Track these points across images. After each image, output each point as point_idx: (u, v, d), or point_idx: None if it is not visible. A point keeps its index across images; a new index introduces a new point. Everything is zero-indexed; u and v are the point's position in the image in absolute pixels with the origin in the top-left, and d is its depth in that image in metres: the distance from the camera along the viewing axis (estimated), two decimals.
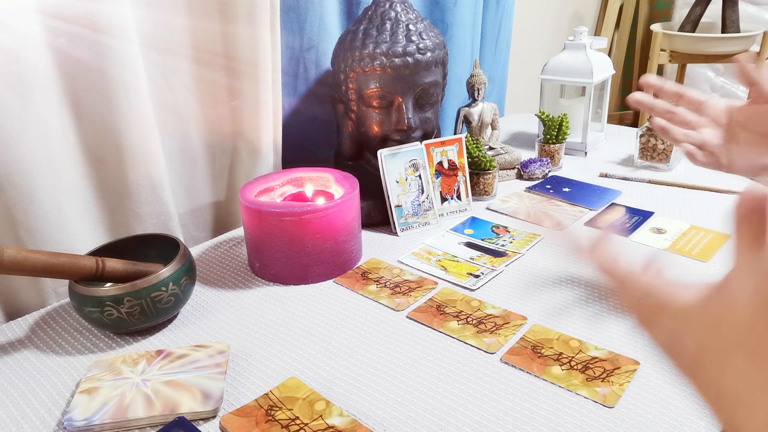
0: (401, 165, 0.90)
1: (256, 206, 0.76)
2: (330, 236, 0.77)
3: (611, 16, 2.39)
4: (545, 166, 1.10)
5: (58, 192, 0.74)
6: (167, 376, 0.59)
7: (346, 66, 0.89)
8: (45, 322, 0.72)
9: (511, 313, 0.70)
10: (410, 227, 0.91)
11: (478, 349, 0.64)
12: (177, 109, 0.87)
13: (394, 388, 0.59)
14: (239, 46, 0.86)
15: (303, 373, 0.61)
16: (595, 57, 1.17)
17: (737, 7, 1.99)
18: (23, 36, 0.66)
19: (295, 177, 0.86)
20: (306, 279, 0.78)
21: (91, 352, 0.66)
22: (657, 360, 0.61)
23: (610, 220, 0.92)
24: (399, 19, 0.88)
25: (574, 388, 0.57)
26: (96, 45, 0.71)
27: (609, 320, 0.68)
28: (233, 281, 0.80)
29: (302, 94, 1.04)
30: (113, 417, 0.54)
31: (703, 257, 0.81)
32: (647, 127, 1.11)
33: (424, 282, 0.77)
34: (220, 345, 0.64)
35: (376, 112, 0.90)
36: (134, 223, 0.82)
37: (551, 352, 0.63)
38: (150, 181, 0.81)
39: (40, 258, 0.60)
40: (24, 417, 0.56)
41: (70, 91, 0.73)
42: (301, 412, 0.55)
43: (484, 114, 1.09)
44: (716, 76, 2.45)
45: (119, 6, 0.71)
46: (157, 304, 0.65)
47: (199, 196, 0.95)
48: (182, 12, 0.83)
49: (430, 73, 0.89)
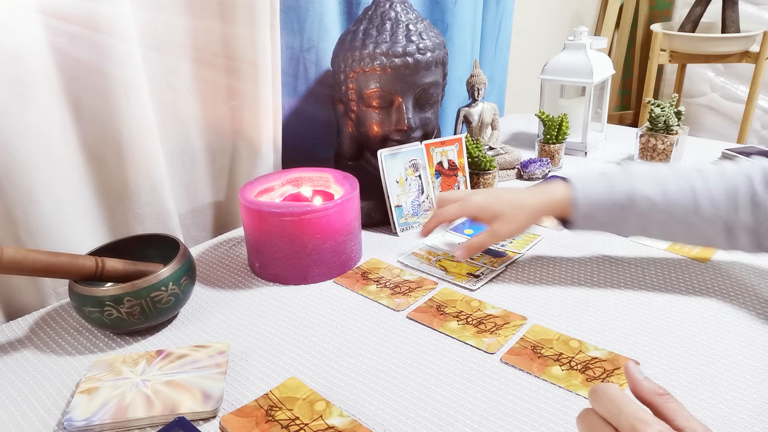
0: (401, 165, 0.90)
1: (256, 206, 0.76)
2: (330, 236, 0.77)
3: (611, 16, 2.39)
4: (545, 166, 1.10)
5: (58, 192, 0.74)
6: (167, 377, 0.59)
7: (346, 66, 0.89)
8: (45, 322, 0.72)
9: (511, 313, 0.70)
10: (410, 227, 0.91)
11: (478, 350, 0.64)
12: (177, 109, 0.87)
13: (394, 388, 0.59)
14: (239, 46, 0.86)
15: (303, 373, 0.61)
16: (595, 57, 1.17)
17: (737, 7, 1.99)
18: (23, 36, 0.66)
19: (295, 177, 0.86)
20: (306, 279, 0.78)
21: (91, 352, 0.66)
22: (657, 360, 0.61)
23: None
24: (399, 19, 0.88)
25: (574, 388, 0.57)
26: (96, 45, 0.71)
27: (609, 320, 0.68)
28: (233, 281, 0.80)
29: (302, 94, 1.04)
30: (113, 417, 0.54)
31: (703, 257, 0.81)
32: (647, 127, 1.11)
33: (424, 282, 0.77)
34: (220, 345, 0.64)
35: (376, 112, 0.90)
36: (134, 223, 0.82)
37: (551, 353, 0.63)
38: (150, 181, 0.81)
39: (39, 258, 0.60)
40: (24, 417, 0.56)
41: (70, 91, 0.73)
42: (301, 413, 0.55)
43: (484, 114, 1.09)
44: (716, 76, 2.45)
45: (119, 6, 0.71)
46: (157, 304, 0.65)
47: (199, 196, 0.95)
48: (182, 12, 0.83)
49: (430, 73, 0.89)
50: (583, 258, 0.82)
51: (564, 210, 0.72)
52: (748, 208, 0.66)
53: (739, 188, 0.66)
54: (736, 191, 0.66)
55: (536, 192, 0.74)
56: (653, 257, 0.81)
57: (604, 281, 0.76)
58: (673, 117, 1.08)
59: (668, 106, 1.09)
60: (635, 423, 0.35)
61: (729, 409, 0.54)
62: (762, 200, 0.65)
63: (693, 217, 0.67)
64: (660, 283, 0.75)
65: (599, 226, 0.73)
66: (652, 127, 1.10)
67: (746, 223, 0.66)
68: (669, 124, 1.08)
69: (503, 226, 0.74)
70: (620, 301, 0.72)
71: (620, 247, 0.84)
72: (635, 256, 0.82)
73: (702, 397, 0.56)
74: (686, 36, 2.01)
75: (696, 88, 2.50)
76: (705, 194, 0.67)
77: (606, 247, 0.84)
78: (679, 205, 0.68)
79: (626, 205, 0.69)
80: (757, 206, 0.65)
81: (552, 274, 0.78)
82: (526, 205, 0.74)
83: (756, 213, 0.65)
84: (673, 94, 1.24)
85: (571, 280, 0.77)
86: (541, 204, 0.73)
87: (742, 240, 0.67)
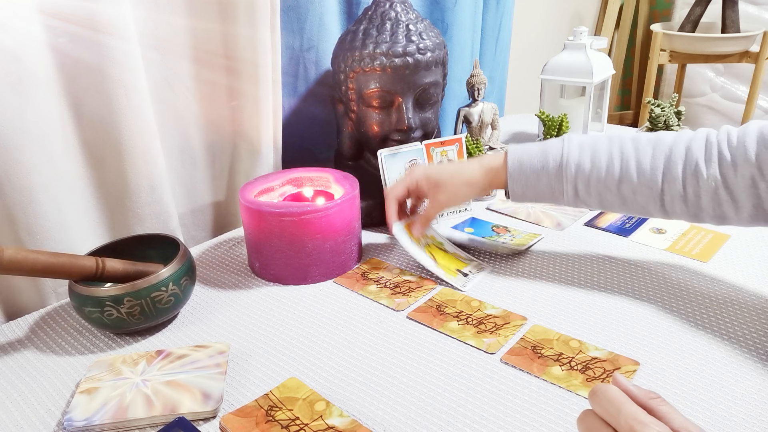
0: (401, 165, 0.90)
1: (256, 206, 0.76)
2: (330, 236, 0.77)
3: (611, 16, 2.39)
4: None
5: (58, 192, 0.74)
6: (167, 377, 0.59)
7: (346, 66, 0.89)
8: (45, 322, 0.72)
9: (511, 313, 0.70)
10: None
11: (478, 350, 0.64)
12: (177, 109, 0.87)
13: (394, 388, 0.59)
14: (239, 46, 0.86)
15: (303, 373, 0.61)
16: (595, 57, 1.17)
17: (737, 7, 1.99)
18: (23, 36, 0.66)
19: (295, 177, 0.86)
20: (306, 279, 0.78)
21: (91, 353, 0.66)
22: (657, 360, 0.61)
23: (610, 220, 0.92)
24: (399, 19, 0.88)
25: (574, 388, 0.57)
26: (96, 45, 0.71)
27: (609, 320, 0.68)
28: (233, 281, 0.80)
29: (302, 94, 1.04)
30: (113, 417, 0.54)
31: (702, 257, 0.81)
32: (647, 127, 1.11)
33: (424, 282, 0.77)
34: (220, 345, 0.64)
35: (376, 112, 0.90)
36: (134, 223, 0.82)
37: (551, 353, 0.63)
38: (150, 181, 0.81)
39: (39, 258, 0.60)
40: (24, 417, 0.56)
41: (70, 91, 0.73)
42: (301, 413, 0.55)
43: (484, 114, 1.09)
44: (716, 76, 2.45)
45: (119, 6, 0.71)
46: (157, 304, 0.65)
47: (199, 196, 0.95)
48: (182, 12, 0.83)
49: (430, 73, 0.89)
50: (583, 258, 0.82)
51: (501, 178, 0.74)
52: (680, 177, 0.64)
53: (673, 157, 0.64)
54: (668, 160, 0.65)
55: (476, 161, 0.76)
56: (653, 257, 0.81)
57: (605, 281, 0.76)
58: (673, 117, 1.08)
59: (668, 106, 1.09)
60: (634, 424, 0.35)
61: (729, 409, 0.54)
62: (699, 169, 0.63)
63: (624, 185, 0.67)
64: (660, 283, 0.75)
65: (536, 195, 0.73)
66: (652, 127, 1.10)
67: (679, 192, 0.64)
68: (669, 124, 1.08)
69: (442, 194, 0.76)
70: (620, 301, 0.72)
71: (620, 247, 0.84)
72: (635, 256, 0.82)
73: (701, 398, 0.56)
74: (686, 36, 2.01)
75: (696, 88, 2.50)
76: (634, 163, 0.66)
77: (606, 247, 0.84)
78: (609, 173, 0.67)
79: (558, 174, 0.70)
80: (695, 175, 0.63)
81: (552, 274, 0.78)
82: (464, 172, 0.75)
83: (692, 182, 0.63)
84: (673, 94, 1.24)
85: (571, 280, 0.77)
86: (477, 171, 0.75)
87: (677, 209, 0.66)
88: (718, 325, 0.67)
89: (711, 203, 0.63)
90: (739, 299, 0.71)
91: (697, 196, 0.64)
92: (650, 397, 0.38)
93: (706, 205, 0.64)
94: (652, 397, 0.38)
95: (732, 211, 0.63)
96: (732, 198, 0.62)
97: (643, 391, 0.39)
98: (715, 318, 0.68)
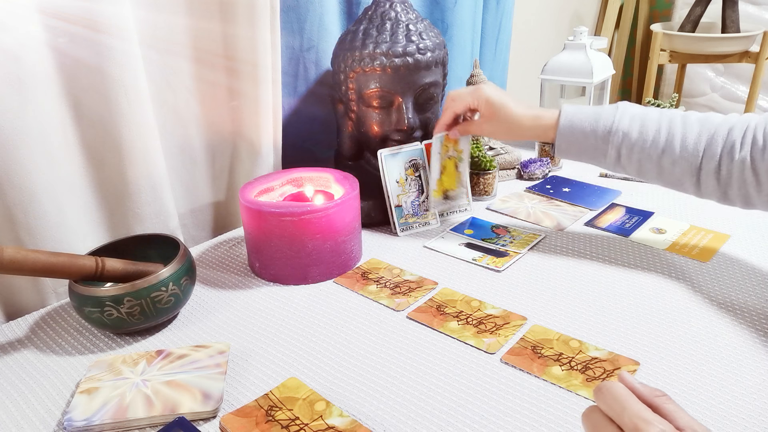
0: (401, 165, 0.90)
1: (256, 206, 0.76)
2: (330, 236, 0.77)
3: (611, 16, 2.39)
4: (545, 166, 1.10)
5: (58, 192, 0.74)
6: (167, 377, 0.59)
7: (346, 66, 0.89)
8: (45, 322, 0.72)
9: (511, 314, 0.70)
10: (410, 227, 0.91)
11: (478, 350, 0.64)
12: (177, 109, 0.87)
13: (394, 388, 0.59)
14: (239, 46, 0.86)
15: (303, 373, 0.61)
16: (595, 57, 1.17)
17: (737, 7, 1.99)
18: (23, 36, 0.66)
19: (295, 177, 0.86)
20: (306, 279, 0.78)
21: (91, 352, 0.66)
22: (657, 360, 0.61)
23: (610, 220, 0.92)
24: (399, 19, 0.88)
25: (574, 388, 0.57)
26: (96, 45, 0.71)
27: (609, 320, 0.68)
28: (233, 281, 0.80)
29: (302, 94, 1.04)
30: (113, 417, 0.54)
31: (703, 257, 0.81)
32: None
33: (424, 282, 0.77)
34: (220, 345, 0.64)
35: (376, 112, 0.90)
36: (134, 223, 0.82)
37: (551, 353, 0.63)
38: (150, 181, 0.81)
39: (39, 258, 0.60)
40: (24, 417, 0.56)
41: (70, 91, 0.73)
42: (301, 413, 0.55)
43: None
44: (716, 76, 2.45)
45: (119, 6, 0.71)
46: (157, 304, 0.65)
47: (199, 196, 0.95)
48: (182, 12, 0.83)
49: (430, 73, 0.89)
50: (583, 258, 0.82)
51: (548, 133, 0.78)
52: (718, 155, 0.68)
53: (716, 136, 0.68)
54: (711, 139, 0.68)
55: (532, 109, 0.80)
56: (653, 257, 0.81)
57: (604, 281, 0.76)
58: None
59: (668, 106, 1.08)
60: (638, 422, 0.35)
61: (729, 409, 0.54)
62: (735, 149, 0.67)
63: (665, 157, 0.71)
64: (660, 283, 0.75)
65: (579, 153, 0.77)
66: None
67: (714, 169, 0.68)
68: None
69: (491, 124, 0.81)
70: (620, 301, 0.72)
71: (620, 247, 0.84)
72: (635, 256, 0.82)
73: (702, 397, 0.56)
74: (686, 36, 2.01)
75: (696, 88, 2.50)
76: (679, 137, 0.70)
77: (606, 247, 0.84)
78: (654, 143, 0.71)
79: (605, 138, 0.73)
80: (730, 155, 0.67)
81: (552, 274, 0.78)
82: (517, 113, 0.79)
83: (727, 161, 0.67)
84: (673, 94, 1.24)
85: (571, 280, 0.77)
86: (529, 118, 0.79)
87: (710, 185, 0.70)
88: (718, 325, 0.67)
89: (737, 182, 0.68)
90: (739, 299, 0.71)
91: (729, 175, 0.68)
92: (656, 395, 0.38)
93: (734, 183, 0.68)
94: (658, 395, 0.38)
95: (755, 191, 0.67)
96: (757, 180, 0.66)
97: (649, 389, 0.38)
98: (715, 318, 0.68)
